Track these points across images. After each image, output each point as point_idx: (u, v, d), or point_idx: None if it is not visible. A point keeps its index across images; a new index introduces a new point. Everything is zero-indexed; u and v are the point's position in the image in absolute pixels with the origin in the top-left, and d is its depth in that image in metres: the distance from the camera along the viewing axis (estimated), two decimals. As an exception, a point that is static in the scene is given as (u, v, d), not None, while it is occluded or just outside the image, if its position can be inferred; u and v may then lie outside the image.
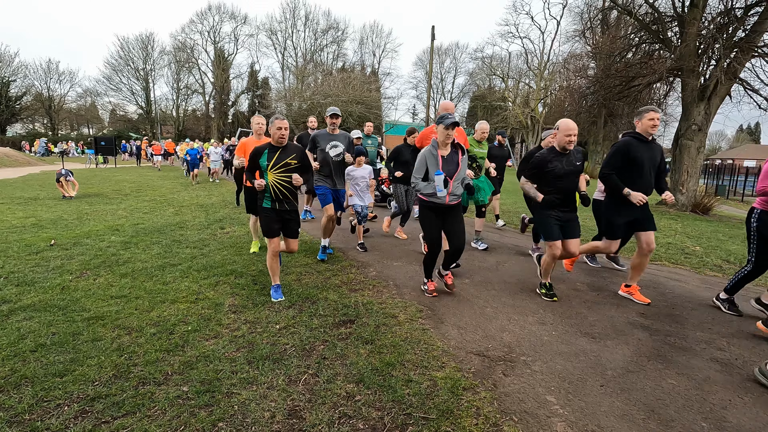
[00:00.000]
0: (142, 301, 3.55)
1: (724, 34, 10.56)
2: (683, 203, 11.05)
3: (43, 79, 47.32)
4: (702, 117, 10.96)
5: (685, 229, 8.12)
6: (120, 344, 2.79)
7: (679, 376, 2.64)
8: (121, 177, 16.44)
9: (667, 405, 2.33)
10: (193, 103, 53.23)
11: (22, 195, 10.36)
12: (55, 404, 2.15)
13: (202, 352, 2.72)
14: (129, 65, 48.73)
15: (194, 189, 12.70)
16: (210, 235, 6.18)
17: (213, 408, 2.16)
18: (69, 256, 4.84)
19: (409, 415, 2.16)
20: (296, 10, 47.68)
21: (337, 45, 49.42)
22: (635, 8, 12.89)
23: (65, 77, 49.84)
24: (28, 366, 2.48)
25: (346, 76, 36.28)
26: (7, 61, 44.82)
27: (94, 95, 50.09)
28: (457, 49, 49.62)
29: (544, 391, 2.42)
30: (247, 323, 3.19)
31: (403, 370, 2.58)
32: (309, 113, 33.60)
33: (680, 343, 3.12)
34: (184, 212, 8.22)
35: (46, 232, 6.02)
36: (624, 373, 2.65)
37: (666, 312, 3.74)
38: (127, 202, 9.55)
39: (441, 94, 50.48)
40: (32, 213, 7.69)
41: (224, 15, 49.06)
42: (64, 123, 52.03)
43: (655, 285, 4.51)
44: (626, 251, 5.71)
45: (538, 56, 38.97)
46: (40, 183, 13.73)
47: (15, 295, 3.58)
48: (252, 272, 4.42)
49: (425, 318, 3.42)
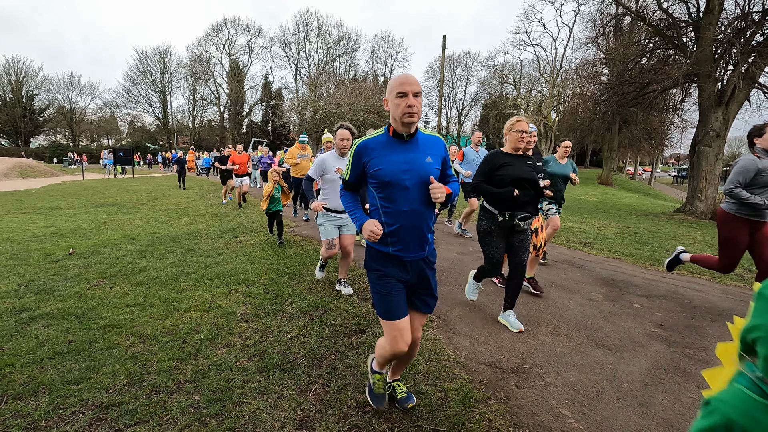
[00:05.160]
0: (156, 309, 3.60)
1: (741, 39, 10.39)
2: (702, 210, 10.80)
3: (66, 92, 48.96)
4: (720, 123, 10.75)
5: (704, 237, 7.92)
6: (134, 352, 2.83)
7: (699, 390, 2.55)
8: (139, 187, 16.81)
9: (687, 420, 2.26)
10: (209, 114, 54.48)
11: (44, 205, 10.66)
12: (70, 411, 2.19)
13: (214, 361, 2.74)
14: (147, 78, 50.13)
15: (208, 198, 12.89)
16: (223, 243, 6.26)
17: (224, 417, 2.17)
18: (87, 264, 4.95)
19: (420, 426, 2.14)
20: (309, 22, 48.57)
21: (349, 55, 50.10)
22: (649, 14, 12.77)
23: (86, 90, 51.59)
24: (45, 373, 2.53)
25: (358, 86, 36.63)
26: (31, 75, 46.56)
27: (114, 107, 51.60)
28: (469, 58, 49.74)
29: (558, 404, 2.37)
30: (259, 332, 3.20)
31: (414, 381, 2.55)
32: (322, 123, 34.01)
33: (700, 355, 3.03)
34: (199, 221, 8.35)
35: (65, 241, 6.18)
36: (641, 387, 2.58)
37: (685, 323, 3.64)
38: (144, 211, 9.75)
39: (453, 102, 50.59)
40: (53, 222, 7.90)
41: (239, 28, 50.29)
42: (84, 134, 53.60)
43: (674, 295, 4.40)
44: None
45: (551, 63, 38.80)
46: (61, 193, 14.12)
47: (34, 303, 3.67)
48: (264, 281, 4.45)
49: (436, 328, 3.39)
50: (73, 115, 49.49)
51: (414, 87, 1.83)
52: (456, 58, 49.28)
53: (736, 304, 4.16)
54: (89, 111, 51.69)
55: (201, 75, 50.90)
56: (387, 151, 1.93)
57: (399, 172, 1.89)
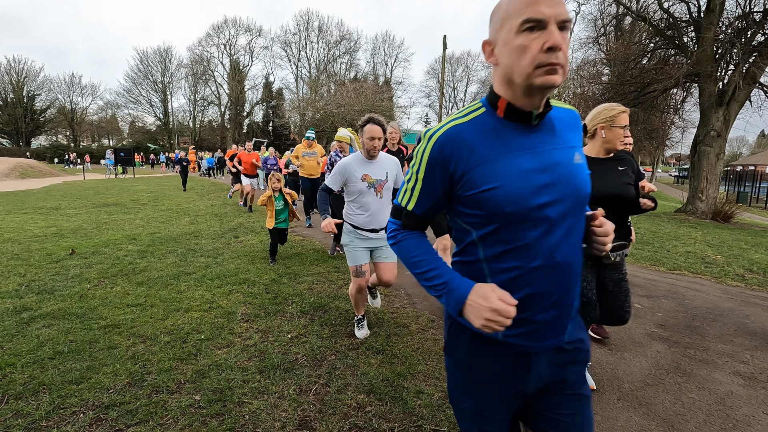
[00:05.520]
0: (156, 309, 3.61)
1: (742, 39, 10.37)
2: (703, 210, 10.79)
3: (67, 92, 49.07)
4: (721, 123, 10.73)
5: (705, 237, 7.91)
6: (135, 352, 2.83)
7: (699, 390, 2.55)
8: (139, 187, 16.83)
9: (688, 420, 2.25)
10: (209, 114, 54.57)
11: (45, 205, 10.67)
12: (71, 411, 2.19)
13: (214, 361, 2.74)
14: (148, 78, 50.24)
15: (209, 198, 12.91)
16: (224, 244, 6.26)
17: (224, 417, 2.17)
18: (87, 264, 4.96)
19: (420, 427, 2.14)
20: (310, 22, 48.64)
21: (350, 55, 50.18)
22: (649, 14, 12.76)
23: (87, 90, 51.65)
24: (46, 373, 2.54)
25: (358, 86, 36.69)
26: (32, 75, 46.65)
27: (115, 107, 51.73)
28: (469, 58, 49.79)
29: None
30: (259, 332, 3.20)
31: (415, 381, 2.55)
32: (322, 123, 34.05)
33: (701, 355, 3.03)
34: (199, 221, 8.35)
35: (66, 241, 6.18)
36: (642, 387, 2.58)
37: (685, 323, 3.64)
38: (145, 211, 9.76)
39: (453, 102, 50.59)
40: (54, 222, 7.91)
41: (240, 28, 50.40)
42: (85, 135, 53.70)
43: (675, 295, 4.39)
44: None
45: (551, 63, 38.70)
46: (62, 193, 14.14)
47: (35, 303, 3.68)
48: (265, 281, 4.45)
49: (437, 328, 3.39)
50: (74, 115, 49.63)
51: (557, 9, 0.87)
52: (457, 58, 49.39)
53: (737, 304, 4.15)
54: (90, 111, 51.92)
55: (202, 75, 51.01)
56: (499, 147, 0.97)
57: (532, 191, 0.94)
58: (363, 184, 2.93)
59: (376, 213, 2.96)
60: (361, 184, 2.92)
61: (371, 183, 2.95)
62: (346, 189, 3.01)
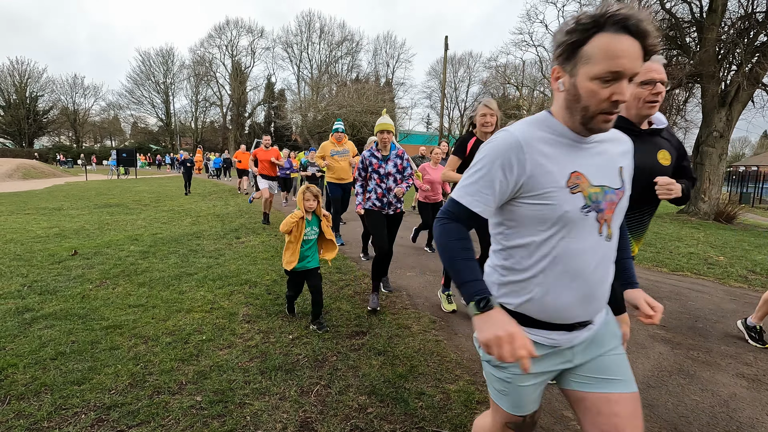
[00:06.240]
0: (158, 310, 3.61)
1: (744, 39, 10.35)
2: (705, 211, 10.75)
3: (69, 93, 49.27)
4: (723, 123, 10.70)
5: (708, 238, 7.88)
6: (136, 353, 2.84)
7: (703, 392, 2.54)
8: (142, 188, 16.87)
9: (691, 422, 2.24)
10: (211, 115, 54.74)
11: (47, 206, 10.70)
12: (72, 412, 2.19)
13: (215, 362, 2.74)
14: (150, 79, 50.40)
15: (211, 199, 12.93)
16: (226, 244, 6.27)
17: (225, 418, 2.17)
18: (90, 265, 4.96)
19: (422, 428, 2.13)
20: (311, 23, 48.73)
21: (352, 56, 50.24)
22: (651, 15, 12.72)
23: (90, 91, 51.83)
24: (47, 374, 2.54)
25: (360, 87, 36.70)
26: (35, 76, 46.86)
27: (117, 108, 51.92)
28: (471, 59, 49.76)
29: (560, 407, 2.36)
30: (261, 333, 3.20)
31: (416, 383, 2.55)
32: (324, 124, 34.06)
33: (704, 357, 3.01)
34: (201, 222, 8.36)
35: (68, 242, 6.20)
36: (644, 389, 2.57)
37: (688, 325, 3.62)
38: (147, 212, 9.78)
39: (455, 103, 50.57)
40: (56, 223, 7.93)
41: (241, 29, 50.50)
42: (88, 135, 53.92)
43: (677, 296, 4.38)
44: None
45: (553, 64, 38.68)
46: (64, 194, 14.18)
47: (38, 304, 3.68)
48: (266, 282, 4.45)
49: (438, 329, 3.38)
50: (77, 116, 49.85)
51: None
52: (458, 59, 49.34)
53: (740, 305, 4.13)
54: (93, 112, 52.22)
55: (203, 76, 51.15)
56: None
57: None
58: (572, 201, 1.06)
59: (589, 278, 1.14)
60: (565, 199, 1.05)
61: (595, 199, 1.10)
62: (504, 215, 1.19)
